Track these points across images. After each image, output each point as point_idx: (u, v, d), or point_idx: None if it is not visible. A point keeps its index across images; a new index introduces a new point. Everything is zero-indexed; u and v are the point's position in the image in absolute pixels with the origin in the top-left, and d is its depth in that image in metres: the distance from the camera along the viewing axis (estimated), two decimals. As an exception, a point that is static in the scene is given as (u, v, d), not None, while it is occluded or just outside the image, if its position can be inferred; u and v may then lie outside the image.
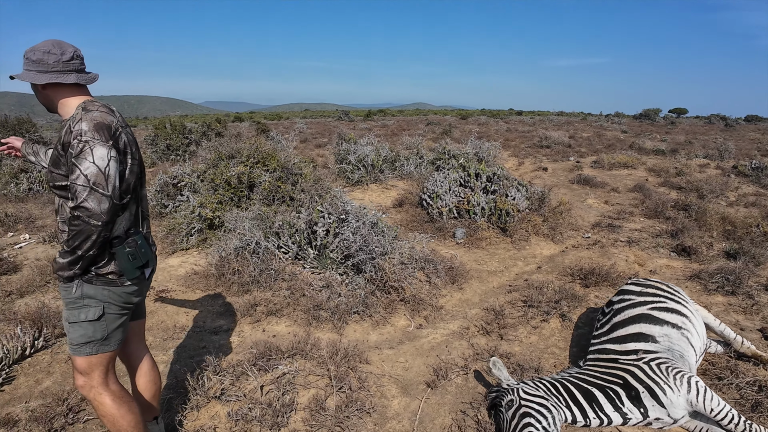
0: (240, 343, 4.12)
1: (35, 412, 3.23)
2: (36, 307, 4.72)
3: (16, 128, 16.29)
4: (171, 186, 7.89)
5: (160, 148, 15.41)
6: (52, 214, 8.91)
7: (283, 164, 7.12)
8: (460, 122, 38.61)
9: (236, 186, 6.69)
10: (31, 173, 11.09)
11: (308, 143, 21.60)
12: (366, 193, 9.79)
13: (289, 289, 4.89)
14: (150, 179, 11.98)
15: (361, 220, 5.23)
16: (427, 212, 7.69)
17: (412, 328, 4.51)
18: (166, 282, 5.44)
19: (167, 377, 3.64)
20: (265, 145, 7.52)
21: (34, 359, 3.96)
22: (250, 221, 5.55)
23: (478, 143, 13.29)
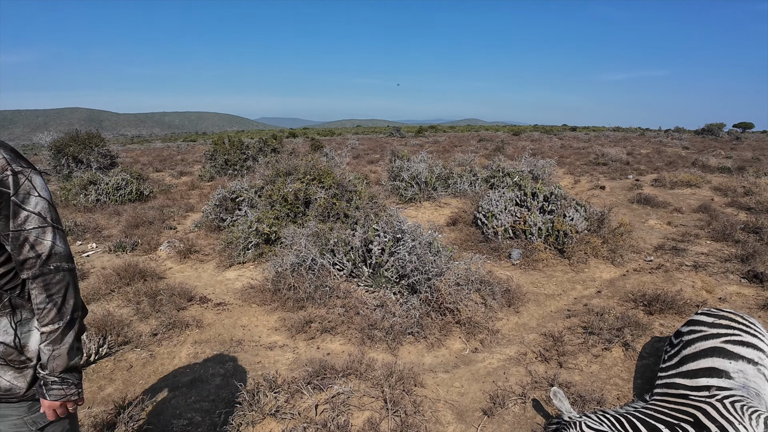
0: (295, 360, 4.14)
1: (97, 417, 3.34)
2: (101, 314, 4.92)
3: (86, 142, 17.19)
4: (229, 200, 8.10)
5: (218, 163, 15.90)
6: (118, 224, 9.32)
7: (339, 181, 7.19)
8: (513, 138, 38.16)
9: (293, 202, 6.80)
10: (98, 185, 11.65)
11: (360, 159, 21.82)
12: (419, 210, 9.76)
13: (344, 307, 4.90)
14: (208, 193, 12.38)
15: (416, 240, 5.20)
16: (482, 232, 7.58)
17: (467, 352, 4.41)
18: (223, 295, 5.57)
19: (224, 391, 3.69)
20: (320, 161, 7.62)
21: (97, 366, 4.11)
22: (306, 238, 5.62)
23: (533, 160, 13.06)
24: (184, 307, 5.18)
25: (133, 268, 6.13)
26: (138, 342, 4.46)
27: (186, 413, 3.43)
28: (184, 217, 10.06)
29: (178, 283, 5.82)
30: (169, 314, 4.93)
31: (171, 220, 9.61)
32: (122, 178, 12.03)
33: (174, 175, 18.04)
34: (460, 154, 17.00)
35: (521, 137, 40.71)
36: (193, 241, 7.52)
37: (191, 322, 4.77)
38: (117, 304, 5.42)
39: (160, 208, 10.45)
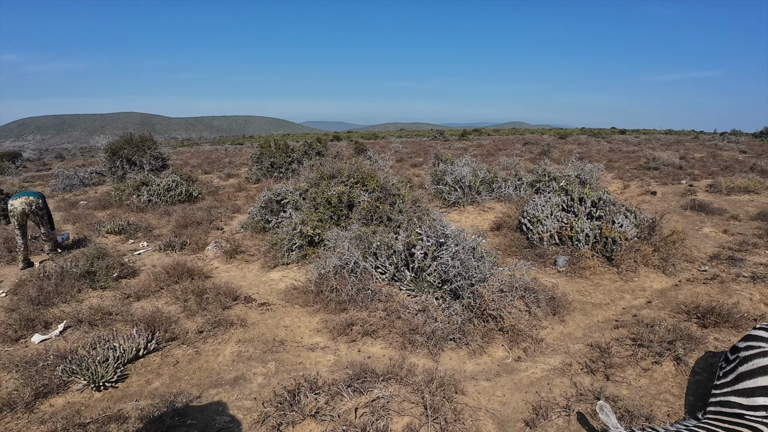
0: (336, 362, 4.16)
1: (144, 411, 3.45)
2: (150, 311, 5.09)
3: (139, 145, 17.85)
4: (274, 203, 8.24)
5: (264, 165, 16.20)
6: (168, 224, 9.62)
7: (382, 184, 7.20)
8: (559, 142, 37.33)
9: (336, 205, 6.86)
10: (150, 186, 12.06)
11: (404, 162, 21.82)
12: (462, 215, 9.68)
13: (385, 311, 4.89)
14: (254, 195, 12.63)
15: (460, 244, 5.15)
16: (527, 237, 7.44)
17: (510, 360, 4.33)
18: (267, 295, 5.67)
19: (266, 390, 3.74)
20: (364, 165, 7.65)
21: (145, 360, 4.24)
22: (349, 241, 5.65)
23: (580, 164, 12.74)
24: (229, 306, 5.30)
25: (182, 266, 6.31)
26: (184, 339, 4.59)
27: (228, 410, 3.50)
28: (230, 218, 10.30)
29: (224, 282, 5.96)
30: (215, 313, 5.06)
31: (218, 221, 9.85)
32: (173, 179, 12.42)
33: (222, 177, 18.49)
34: (504, 158, 16.79)
35: (568, 140, 39.78)
36: (239, 242, 7.70)
37: (236, 321, 4.88)
38: (165, 301, 5.59)
39: (208, 209, 10.73)
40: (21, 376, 4.01)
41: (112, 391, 3.81)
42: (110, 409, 3.52)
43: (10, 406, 3.62)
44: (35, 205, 7.32)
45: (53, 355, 4.24)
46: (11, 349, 4.62)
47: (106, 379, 3.82)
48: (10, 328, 4.94)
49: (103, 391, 3.79)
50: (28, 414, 3.57)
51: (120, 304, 5.49)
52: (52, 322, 5.10)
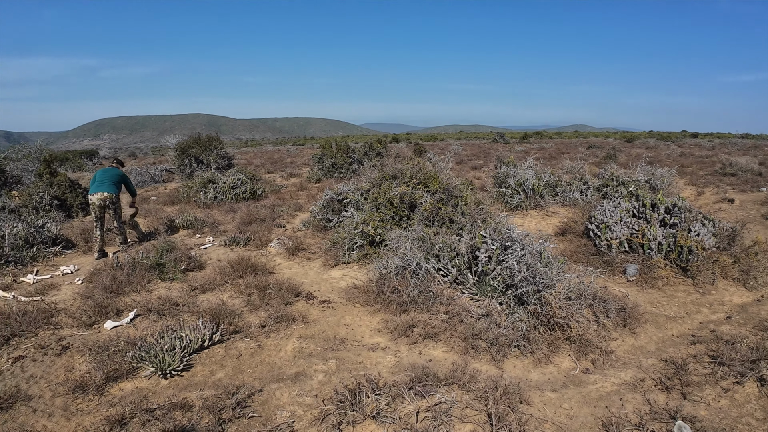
0: (396, 364, 4.10)
1: (208, 400, 3.51)
2: (216, 303, 5.22)
3: (207, 144, 18.50)
4: (336, 202, 8.30)
5: (325, 165, 16.42)
6: (233, 220, 9.89)
7: (445, 186, 7.10)
8: (625, 145, 35.87)
9: (398, 205, 6.81)
10: (217, 184, 12.45)
11: (464, 165, 21.57)
12: (525, 219, 9.43)
13: (447, 314, 4.80)
14: (316, 194, 12.80)
15: (526, 249, 4.98)
16: (594, 244, 7.14)
17: (577, 372, 4.14)
18: (328, 293, 5.69)
19: (326, 388, 3.73)
20: (426, 166, 7.58)
21: (210, 351, 4.34)
22: (411, 241, 5.59)
23: (649, 169, 12.14)
24: (291, 302, 5.36)
25: (246, 262, 6.45)
26: (247, 332, 4.66)
27: (289, 405, 3.51)
28: (293, 216, 10.47)
29: (287, 278, 6.04)
30: (277, 308, 5.12)
31: (281, 219, 10.03)
32: (238, 178, 12.77)
33: (284, 176, 18.89)
34: (568, 161, 16.24)
35: (635, 144, 38.17)
36: (300, 240, 7.80)
37: (297, 317, 4.92)
38: (230, 294, 5.72)
39: (271, 207, 10.96)
40: (94, 360, 4.18)
41: (177, 379, 3.91)
42: (176, 396, 3.61)
43: (82, 388, 3.78)
44: (109, 200, 7.70)
45: (124, 341, 4.41)
46: (85, 333, 4.84)
47: (173, 368, 3.93)
48: (85, 314, 5.18)
49: (169, 379, 3.90)
50: (99, 396, 3.71)
51: (187, 296, 5.66)
52: (124, 310, 5.32)
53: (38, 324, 5.01)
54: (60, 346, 4.56)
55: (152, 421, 3.30)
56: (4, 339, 4.70)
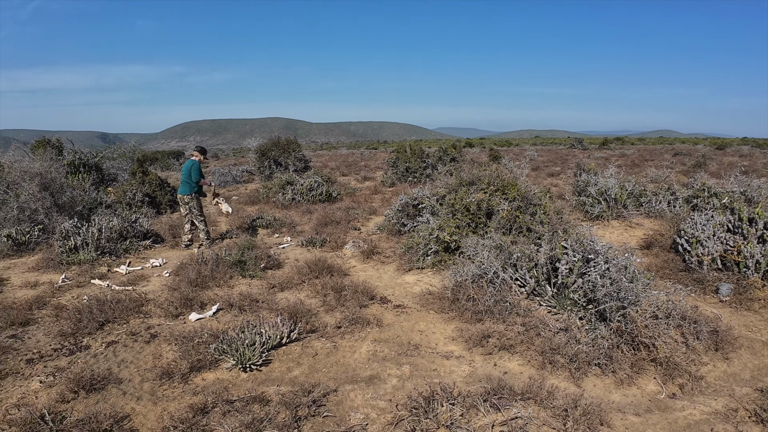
0: (471, 374, 4.03)
1: (285, 396, 3.59)
2: (293, 302, 5.35)
3: (285, 147, 19.11)
4: (411, 206, 8.31)
5: (399, 170, 16.50)
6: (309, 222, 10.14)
7: (523, 193, 6.93)
8: (716, 153, 33.64)
9: (474, 212, 6.72)
10: (294, 186, 12.80)
11: (540, 171, 21.02)
12: (606, 229, 9.02)
13: (524, 326, 4.66)
14: (390, 198, 12.88)
15: (610, 262, 4.76)
16: (683, 259, 6.71)
17: (663, 396, 3.89)
18: (402, 298, 5.70)
19: (400, 393, 3.71)
20: (504, 173, 7.43)
21: (287, 348, 4.44)
22: (489, 249, 5.49)
23: (745, 179, 11.27)
24: (365, 304, 5.40)
25: (322, 263, 6.58)
26: (323, 332, 4.75)
27: (363, 408, 3.53)
28: (367, 220, 10.60)
29: (361, 281, 6.10)
30: (352, 310, 5.18)
31: (355, 222, 10.18)
32: (315, 180, 13.09)
33: (358, 179, 19.18)
34: (653, 170, 15.43)
35: (726, 152, 35.69)
36: (375, 243, 7.87)
37: (372, 321, 4.95)
38: (306, 294, 5.85)
39: (346, 210, 11.14)
40: (179, 349, 4.41)
41: (256, 373, 4.04)
42: (254, 390, 3.72)
43: (168, 375, 3.99)
44: (181, 200, 8.30)
45: (207, 333, 4.61)
46: (172, 323, 5.10)
47: (252, 362, 4.06)
48: (172, 305, 5.47)
49: (248, 373, 4.03)
50: (183, 384, 3.90)
51: (266, 293, 5.85)
52: (207, 304, 5.57)
53: (129, 312, 5.34)
54: (149, 334, 4.84)
55: (232, 412, 3.42)
56: (99, 324, 5.04)
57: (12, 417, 3.46)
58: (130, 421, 3.43)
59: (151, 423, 3.40)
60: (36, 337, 4.88)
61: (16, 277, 7.04)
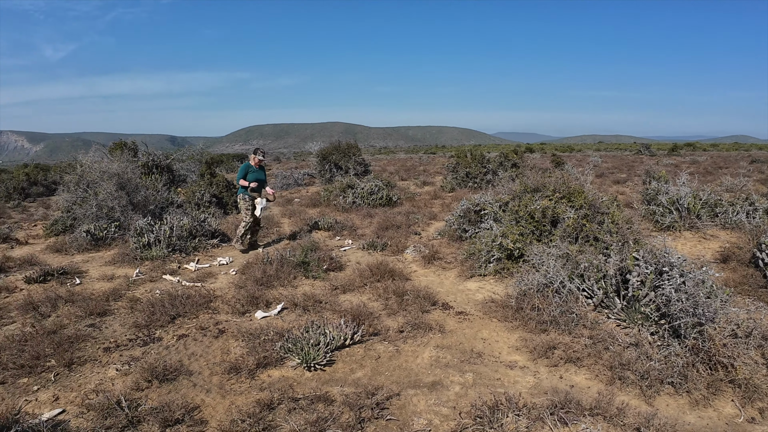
0: (535, 385, 3.93)
1: (348, 397, 3.63)
2: (356, 304, 5.40)
3: (346, 151, 19.39)
4: (472, 212, 8.22)
5: (459, 175, 16.38)
6: (370, 225, 10.21)
7: (590, 201, 6.72)
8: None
9: (539, 220, 6.57)
10: (355, 189, 12.94)
11: (605, 178, 20.31)
12: (678, 241, 8.60)
13: (591, 338, 4.51)
14: (450, 203, 12.80)
15: (686, 276, 4.53)
16: (764, 275, 6.30)
17: (741, 420, 3.65)
18: (464, 304, 5.64)
19: (463, 401, 3.67)
20: (570, 179, 7.24)
21: (350, 350, 4.49)
22: (555, 258, 5.35)
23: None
24: (427, 310, 5.39)
25: (384, 267, 6.61)
26: (386, 335, 4.76)
27: (426, 413, 3.51)
28: (427, 225, 10.58)
29: (423, 286, 6.09)
30: (414, 315, 5.17)
31: (416, 226, 10.17)
32: (375, 184, 13.19)
33: (417, 184, 19.17)
34: (728, 178, 14.57)
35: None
36: (436, 248, 7.83)
37: (434, 326, 4.92)
38: (368, 297, 5.89)
39: (406, 214, 11.16)
40: (246, 346, 4.55)
41: (320, 373, 4.10)
42: (319, 389, 3.78)
43: (236, 370, 4.12)
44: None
45: (273, 331, 4.73)
46: (239, 320, 5.27)
47: (317, 362, 4.12)
48: (239, 302, 5.65)
49: (312, 372, 4.10)
50: (250, 380, 4.01)
51: (328, 294, 5.94)
52: (272, 302, 5.71)
53: (199, 308, 5.56)
54: (217, 330, 5.01)
55: (297, 410, 3.49)
56: (170, 318, 5.28)
57: (90, 401, 3.66)
58: (200, 412, 3.57)
59: (219, 415, 3.51)
60: (112, 327, 5.17)
61: (94, 270, 7.48)
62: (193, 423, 3.41)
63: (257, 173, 8.39)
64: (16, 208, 17.59)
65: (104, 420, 3.41)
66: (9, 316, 5.50)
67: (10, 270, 7.54)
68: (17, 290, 6.48)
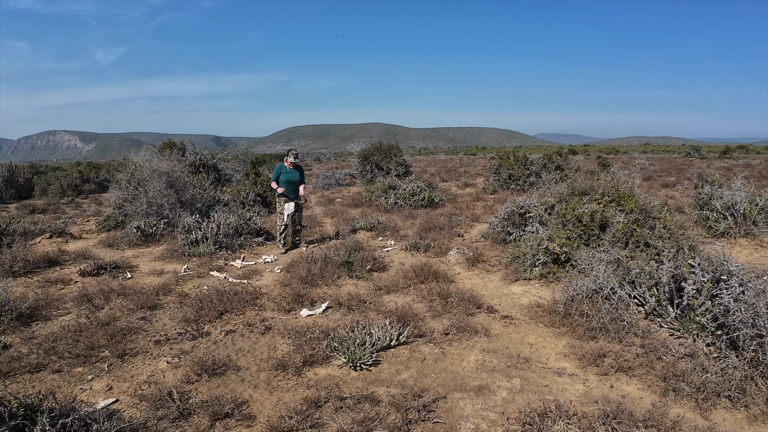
0: (585, 394, 3.83)
1: (395, 398, 3.62)
2: (401, 305, 5.40)
3: (387, 152, 19.42)
4: (517, 215, 8.10)
5: (502, 177, 16.17)
6: (412, 226, 10.20)
7: (641, 206, 6.52)
8: None
9: (587, 224, 6.42)
10: (397, 190, 12.94)
11: (652, 182, 19.68)
12: (733, 248, 8.24)
13: (643, 347, 4.37)
14: (492, 205, 12.66)
15: (745, 285, 4.34)
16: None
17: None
18: (509, 308, 5.56)
19: (511, 406, 3.61)
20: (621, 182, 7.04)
21: (396, 351, 4.49)
22: (605, 264, 5.21)
23: None
24: (472, 313, 5.33)
25: (428, 268, 6.58)
26: (431, 337, 4.74)
27: (473, 418, 3.47)
28: (470, 226, 10.48)
29: (467, 289, 6.03)
30: (459, 317, 5.13)
31: (458, 228, 10.09)
32: (417, 185, 13.16)
33: (459, 185, 19.04)
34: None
35: None
36: (479, 251, 7.74)
37: (479, 330, 4.87)
38: (412, 298, 5.88)
39: (449, 216, 11.09)
40: (292, 343, 4.60)
41: (366, 373, 4.11)
42: (365, 389, 3.79)
43: (283, 367, 4.17)
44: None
45: (318, 329, 4.78)
46: (284, 318, 5.34)
47: (363, 361, 4.14)
48: (284, 300, 5.74)
49: (358, 372, 4.11)
50: (297, 377, 4.06)
51: (372, 295, 5.96)
52: (317, 301, 5.77)
53: (245, 304, 5.67)
54: (263, 326, 5.09)
55: (344, 409, 3.51)
56: (218, 313, 5.40)
57: (143, 392, 3.78)
58: (249, 407, 3.63)
59: (267, 411, 3.56)
60: (162, 321, 5.32)
61: (144, 264, 7.72)
62: (242, 417, 3.47)
63: (289, 174, 8.35)
64: (69, 204, 18.33)
65: (156, 411, 3.51)
66: (65, 307, 5.73)
67: (65, 263, 7.86)
68: (72, 282, 6.75)
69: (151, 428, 3.31)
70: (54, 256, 7.96)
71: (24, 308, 5.30)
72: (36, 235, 9.91)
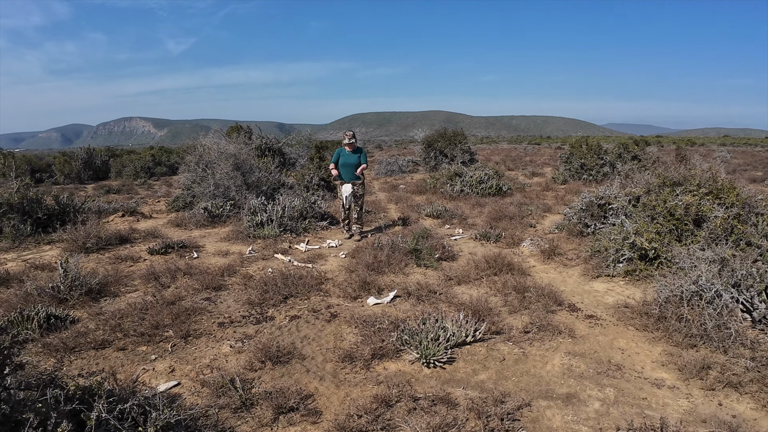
0: (690, 411, 3.35)
1: (473, 402, 3.27)
2: (474, 298, 5.04)
3: (451, 139, 18.95)
4: (596, 206, 7.53)
5: (573, 166, 15.37)
6: (480, 215, 9.77)
7: (744, 200, 5.84)
8: None
9: (680, 217, 5.81)
10: (463, 177, 12.50)
11: (737, 176, 18.21)
12: None
13: (753, 360, 3.83)
14: (563, 195, 12.01)
15: None
16: None
17: None
18: (593, 307, 5.09)
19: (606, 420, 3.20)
20: (719, 174, 6.36)
21: (471, 348, 4.15)
22: (708, 264, 4.65)
23: None
24: (553, 310, 4.91)
25: (501, 259, 6.18)
26: (509, 335, 4.37)
27: (563, 430, 3.10)
28: (542, 217, 9.94)
29: (546, 284, 5.58)
30: (539, 314, 4.72)
31: (529, 218, 9.59)
32: (484, 173, 12.67)
33: (526, 174, 18.32)
34: None
35: None
36: (555, 243, 7.22)
37: (563, 330, 4.45)
38: (485, 291, 5.51)
39: (518, 205, 10.59)
40: (360, 333, 4.35)
41: (440, 371, 3.80)
42: (440, 390, 3.48)
43: (350, 359, 3.93)
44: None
45: (387, 320, 4.50)
46: (350, 305, 5.11)
47: (437, 358, 3.84)
48: (350, 286, 5.51)
49: (431, 369, 3.82)
50: (365, 371, 3.80)
51: (443, 285, 5.63)
52: (384, 289, 5.51)
53: (310, 289, 5.49)
54: (329, 313, 4.88)
55: (417, 410, 3.22)
56: (283, 297, 5.24)
57: (204, 378, 3.63)
58: (314, 401, 3.41)
59: (334, 407, 3.33)
60: (227, 303, 5.21)
61: (210, 245, 7.72)
62: (307, 413, 3.24)
63: (347, 157, 7.99)
64: (142, 185, 19.03)
65: (218, 399, 3.35)
66: (132, 284, 5.76)
67: (135, 241, 7.99)
68: (141, 260, 6.81)
69: (212, 418, 3.13)
70: (125, 234, 8.11)
71: (94, 284, 5.34)
72: (109, 214, 10.21)
